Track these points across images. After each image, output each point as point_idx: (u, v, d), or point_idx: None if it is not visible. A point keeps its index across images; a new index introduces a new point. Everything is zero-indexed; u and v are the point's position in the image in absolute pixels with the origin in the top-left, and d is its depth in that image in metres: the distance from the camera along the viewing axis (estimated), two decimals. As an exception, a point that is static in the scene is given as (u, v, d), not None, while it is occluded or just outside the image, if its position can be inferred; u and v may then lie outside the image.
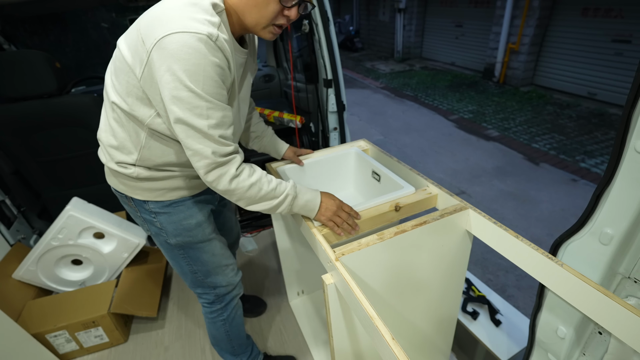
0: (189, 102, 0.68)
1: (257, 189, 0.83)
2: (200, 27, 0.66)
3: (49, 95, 1.57)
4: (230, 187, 0.79)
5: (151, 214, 0.95)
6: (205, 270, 1.07)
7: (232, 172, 0.78)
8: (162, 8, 0.70)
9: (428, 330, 1.17)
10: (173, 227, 0.96)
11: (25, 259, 1.62)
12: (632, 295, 0.72)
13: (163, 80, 0.67)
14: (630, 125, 0.62)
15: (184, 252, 1.02)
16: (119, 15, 2.99)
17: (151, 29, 0.68)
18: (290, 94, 2.40)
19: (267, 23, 0.76)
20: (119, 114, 0.80)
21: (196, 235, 1.00)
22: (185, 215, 0.97)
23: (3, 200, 1.81)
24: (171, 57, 0.65)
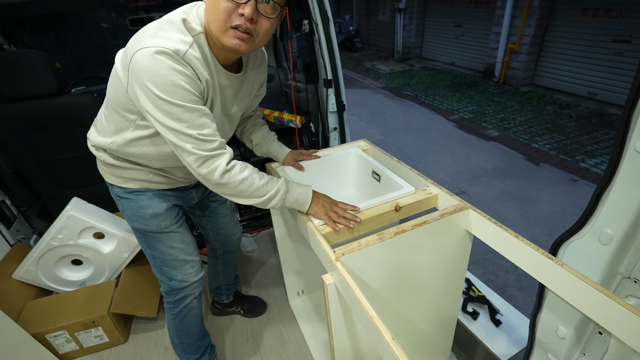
0: (164, 109, 0.75)
1: (248, 184, 0.86)
2: (167, 43, 0.73)
3: (49, 95, 1.57)
4: (222, 180, 0.83)
5: (116, 197, 1.05)
6: (162, 259, 1.12)
7: (224, 167, 0.82)
8: (146, 26, 0.78)
9: (428, 330, 1.17)
10: (130, 212, 1.04)
11: (25, 259, 1.62)
12: (632, 295, 0.72)
13: (139, 92, 0.74)
14: (630, 125, 0.62)
15: (143, 236, 1.09)
16: (119, 15, 2.99)
17: (132, 44, 0.75)
18: (290, 94, 2.40)
19: (223, 26, 0.74)
20: (111, 111, 0.90)
21: (150, 224, 1.05)
22: (142, 205, 1.03)
23: (3, 200, 1.81)
24: (140, 70, 0.72)
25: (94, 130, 0.98)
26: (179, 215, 1.14)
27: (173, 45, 0.73)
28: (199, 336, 1.31)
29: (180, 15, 0.78)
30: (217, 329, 1.65)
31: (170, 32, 0.75)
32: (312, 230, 0.93)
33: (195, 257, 1.18)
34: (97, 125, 0.98)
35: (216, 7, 0.73)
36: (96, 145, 0.96)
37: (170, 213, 1.08)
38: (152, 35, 0.74)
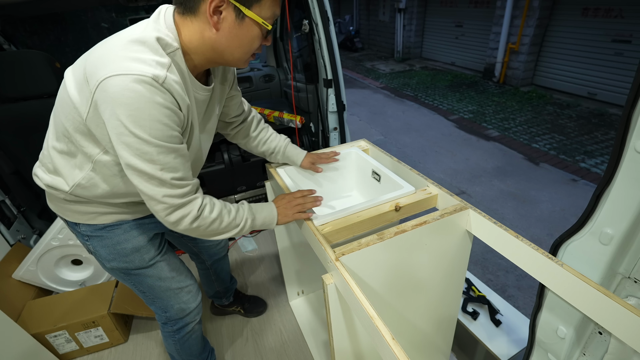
0: (137, 148, 0.64)
1: (218, 223, 0.82)
2: (144, 69, 0.62)
3: (49, 95, 1.57)
4: (193, 226, 0.78)
5: (83, 237, 0.90)
6: (153, 293, 1.02)
7: (194, 214, 0.76)
8: (108, 46, 0.66)
9: (428, 330, 1.17)
10: (106, 252, 0.91)
11: (25, 259, 1.62)
12: (632, 295, 0.72)
13: (109, 125, 0.64)
14: (630, 125, 0.62)
15: (124, 275, 0.97)
16: (119, 15, 2.99)
17: (95, 68, 0.64)
18: (290, 94, 2.40)
19: (248, 55, 0.77)
20: (64, 145, 0.77)
21: (132, 261, 0.94)
22: (120, 240, 0.90)
23: (3, 200, 1.81)
24: (113, 102, 0.61)
25: (43, 173, 0.84)
26: (163, 243, 1.03)
27: (151, 71, 0.62)
28: (201, 350, 1.28)
29: (153, 34, 0.66)
30: (217, 329, 1.65)
31: (143, 54, 0.64)
32: (312, 230, 0.93)
33: (190, 281, 1.09)
34: (46, 166, 0.83)
35: (250, 44, 0.74)
36: (52, 185, 0.82)
37: (152, 243, 0.97)
38: (122, 58, 0.63)
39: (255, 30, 0.72)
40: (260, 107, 2.13)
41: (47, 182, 0.83)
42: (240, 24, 0.70)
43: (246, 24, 0.70)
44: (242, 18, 0.69)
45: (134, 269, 0.95)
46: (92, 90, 0.63)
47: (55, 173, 0.81)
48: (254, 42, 0.74)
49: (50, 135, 0.80)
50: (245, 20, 0.70)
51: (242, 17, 0.69)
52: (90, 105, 0.66)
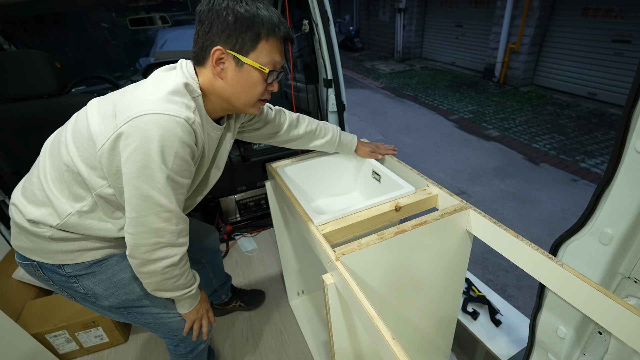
0: (158, 182, 0.69)
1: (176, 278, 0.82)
2: (178, 111, 0.69)
3: (49, 95, 1.57)
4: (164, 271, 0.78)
5: (69, 279, 0.83)
6: (160, 323, 0.98)
7: (176, 260, 0.78)
8: (141, 89, 0.73)
9: (428, 330, 1.17)
10: (102, 288, 0.86)
11: (25, 259, 1.62)
12: (632, 295, 0.72)
13: (131, 158, 0.66)
14: (630, 125, 0.62)
15: (125, 311, 0.92)
16: (119, 15, 2.99)
17: (127, 106, 0.69)
18: (290, 94, 2.40)
19: (255, 102, 0.83)
20: (63, 175, 0.76)
21: (134, 290, 0.89)
22: (115, 271, 0.87)
23: (3, 200, 1.81)
24: (144, 136, 0.65)
25: (27, 203, 0.79)
26: None
27: (184, 113, 0.69)
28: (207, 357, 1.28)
29: (182, 80, 0.74)
30: (217, 328, 1.65)
31: (175, 96, 0.71)
32: (312, 230, 0.93)
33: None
34: (33, 196, 0.78)
35: (253, 89, 0.79)
36: (38, 220, 0.76)
37: None
38: (157, 100, 0.68)
39: (255, 75, 0.77)
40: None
41: (31, 217, 0.77)
42: (240, 71, 0.77)
43: (245, 70, 0.77)
44: (242, 65, 0.76)
45: (135, 299, 0.91)
46: (119, 124, 0.67)
47: (44, 204, 0.77)
48: (256, 86, 0.79)
49: (44, 164, 0.79)
50: (244, 67, 0.76)
51: (241, 65, 0.76)
52: (110, 137, 0.68)
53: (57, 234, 0.78)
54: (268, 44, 0.76)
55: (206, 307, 1.02)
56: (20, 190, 0.82)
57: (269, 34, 0.75)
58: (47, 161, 0.79)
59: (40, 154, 0.82)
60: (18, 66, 1.49)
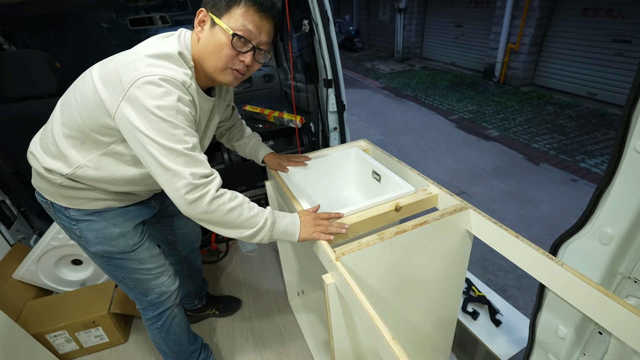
0: (166, 132, 0.73)
1: (237, 214, 0.82)
2: (175, 74, 0.76)
3: (49, 95, 1.57)
4: (210, 208, 0.78)
5: (71, 221, 0.94)
6: (133, 278, 1.05)
7: (213, 193, 0.78)
8: (140, 53, 0.77)
9: (428, 330, 1.17)
10: (93, 235, 0.95)
11: (26, 259, 1.62)
12: (632, 295, 0.72)
13: (140, 116, 0.72)
14: (630, 125, 0.62)
15: (107, 260, 1.01)
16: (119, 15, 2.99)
17: (128, 70, 0.74)
18: (290, 94, 2.40)
19: (223, 67, 0.83)
20: (73, 132, 0.83)
21: (118, 245, 0.98)
22: (107, 224, 0.96)
23: (3, 200, 1.81)
24: (148, 96, 0.72)
25: (43, 154, 0.88)
26: (145, 231, 1.08)
27: (181, 77, 0.77)
28: (190, 340, 1.29)
29: (176, 49, 0.80)
30: (217, 328, 1.65)
31: (171, 64, 0.78)
32: (312, 230, 0.93)
33: (167, 265, 1.13)
34: (48, 148, 0.88)
35: (219, 51, 0.80)
36: (51, 168, 0.87)
37: (137, 230, 1.03)
38: (152, 64, 0.75)
39: (222, 37, 0.79)
40: (260, 107, 2.13)
41: (46, 165, 0.87)
42: (212, 32, 0.80)
43: (216, 31, 0.79)
44: (214, 26, 0.80)
45: (118, 253, 0.99)
46: (126, 88, 0.73)
47: (57, 157, 0.86)
48: (222, 49, 0.80)
49: (57, 121, 0.86)
50: (215, 27, 0.79)
51: (214, 25, 0.80)
52: (121, 101, 0.74)
53: (66, 182, 0.88)
54: (241, 9, 0.78)
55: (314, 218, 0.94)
56: (38, 141, 0.91)
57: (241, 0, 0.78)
58: (60, 118, 0.86)
59: (55, 110, 0.89)
60: (18, 66, 1.49)
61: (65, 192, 0.90)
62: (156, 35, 0.86)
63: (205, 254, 2.12)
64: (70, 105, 0.84)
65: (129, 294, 1.12)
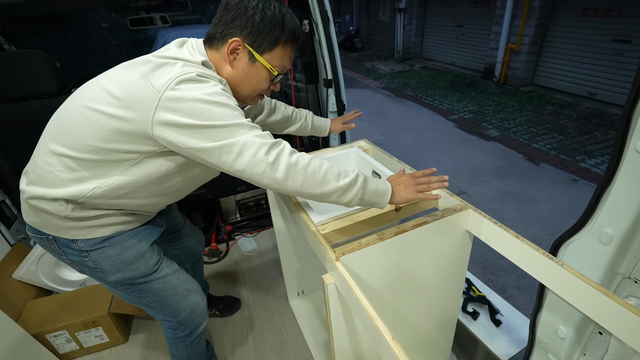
0: (225, 114, 0.70)
1: (318, 163, 0.76)
2: (213, 74, 0.77)
3: (49, 95, 1.57)
4: (292, 160, 0.73)
5: (81, 253, 0.86)
6: (161, 301, 1.00)
7: (289, 148, 0.75)
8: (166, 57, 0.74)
9: (428, 330, 1.17)
10: (109, 263, 0.88)
11: (26, 259, 1.62)
12: (632, 295, 0.72)
13: (191, 109, 0.68)
14: (630, 125, 0.62)
15: (129, 287, 0.95)
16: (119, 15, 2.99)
17: (161, 73, 0.71)
18: (290, 94, 2.39)
19: (256, 95, 0.89)
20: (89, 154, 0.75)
21: (139, 267, 0.92)
22: (122, 248, 0.89)
23: (3, 200, 1.81)
24: (196, 91, 0.69)
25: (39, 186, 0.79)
26: (160, 249, 1.02)
27: (218, 77, 0.77)
28: (207, 348, 1.29)
29: (199, 58, 0.78)
30: (217, 328, 1.65)
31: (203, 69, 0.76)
32: (312, 230, 0.93)
33: (192, 282, 1.09)
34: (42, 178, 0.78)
35: (258, 84, 0.85)
36: (57, 197, 0.77)
37: (153, 248, 0.97)
38: (187, 64, 0.73)
39: (264, 73, 0.83)
40: (260, 107, 2.13)
41: (50, 196, 0.78)
42: (252, 66, 0.82)
43: (257, 66, 0.82)
44: (254, 61, 0.81)
45: (139, 277, 0.93)
46: (161, 91, 0.68)
47: (65, 184, 0.78)
48: (261, 83, 0.85)
49: (58, 147, 0.76)
50: (256, 63, 0.82)
51: (254, 60, 0.81)
52: (156, 107, 0.69)
53: (74, 211, 0.80)
54: (283, 50, 0.82)
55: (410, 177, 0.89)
56: (32, 176, 0.81)
57: (287, 41, 0.81)
58: (61, 143, 0.76)
59: (45, 137, 0.80)
60: (18, 66, 1.49)
61: (71, 223, 0.82)
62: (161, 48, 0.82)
63: (205, 254, 2.12)
64: (77, 126, 0.74)
65: (157, 316, 1.06)
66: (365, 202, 0.83)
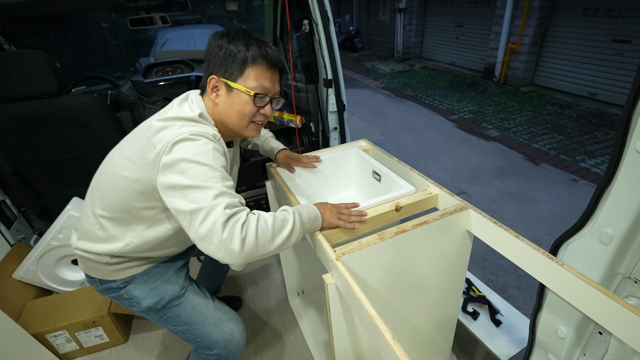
0: (205, 174, 0.74)
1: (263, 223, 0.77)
2: (207, 130, 0.82)
3: (49, 96, 1.57)
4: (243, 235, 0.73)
5: (119, 290, 0.98)
6: (193, 330, 1.03)
7: (243, 218, 0.74)
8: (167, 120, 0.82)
9: (428, 330, 1.17)
10: (140, 291, 0.98)
11: (26, 259, 1.62)
12: (632, 295, 0.72)
13: (179, 169, 0.74)
14: (630, 125, 0.62)
15: (162, 314, 1.02)
16: (119, 15, 2.99)
17: (161, 136, 0.79)
18: (290, 94, 2.40)
19: (247, 123, 0.90)
20: (117, 214, 0.87)
21: (165, 290, 1.00)
22: (149, 275, 1.00)
23: (3, 200, 1.81)
24: (186, 150, 0.75)
25: (85, 240, 0.94)
26: (187, 274, 1.10)
27: (211, 131, 0.83)
28: None
29: (197, 111, 0.85)
30: (217, 329, 1.65)
31: (199, 123, 0.83)
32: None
33: (226, 308, 1.10)
34: (87, 234, 0.93)
35: (242, 111, 0.87)
36: (99, 252, 0.92)
37: (179, 273, 1.05)
38: (184, 125, 0.81)
39: (243, 97, 0.86)
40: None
41: (95, 250, 0.92)
42: (231, 94, 0.87)
43: (234, 93, 0.86)
44: (231, 90, 0.86)
45: (168, 301, 1.00)
46: (161, 152, 0.77)
47: (104, 240, 0.91)
48: (244, 107, 0.87)
49: (97, 208, 0.90)
50: (233, 91, 0.86)
51: (231, 89, 0.86)
52: (159, 167, 0.77)
53: (112, 260, 0.93)
54: (254, 69, 0.85)
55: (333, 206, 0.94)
56: (81, 233, 0.96)
57: (254, 60, 0.84)
58: (99, 204, 0.90)
59: (89, 196, 0.94)
60: (18, 66, 1.49)
61: (111, 267, 0.95)
62: (165, 107, 0.91)
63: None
64: (107, 190, 0.87)
65: (196, 347, 1.08)
66: (306, 231, 0.87)
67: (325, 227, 0.91)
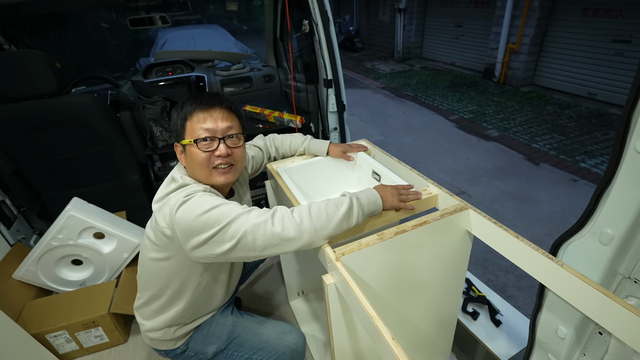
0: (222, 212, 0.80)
1: (315, 207, 0.83)
2: (196, 189, 0.87)
3: (49, 95, 1.57)
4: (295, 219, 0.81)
5: (183, 353, 1.06)
6: (260, 351, 1.06)
7: (286, 211, 0.84)
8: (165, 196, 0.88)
9: (428, 331, 1.17)
10: (199, 342, 1.06)
11: (25, 259, 1.62)
12: (632, 296, 0.72)
13: (198, 228, 0.79)
14: (630, 125, 0.62)
15: (227, 352, 1.07)
16: (119, 16, 2.99)
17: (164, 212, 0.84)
18: (290, 94, 2.40)
19: (208, 171, 0.91)
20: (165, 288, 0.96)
21: (221, 332, 1.07)
22: (201, 329, 1.07)
23: (3, 200, 1.81)
24: (190, 211, 0.80)
25: (147, 321, 1.02)
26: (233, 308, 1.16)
27: (200, 187, 0.88)
28: None
29: (180, 181, 0.90)
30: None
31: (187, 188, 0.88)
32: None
33: (285, 325, 1.12)
34: (144, 315, 1.03)
35: (197, 161, 0.89)
36: (162, 327, 1.00)
37: (226, 310, 1.12)
38: (176, 194, 0.86)
39: (192, 149, 0.90)
40: (260, 107, 2.13)
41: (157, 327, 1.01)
42: (186, 153, 0.92)
43: (187, 149, 0.91)
44: (184, 147, 0.92)
45: (226, 339, 1.06)
46: (171, 226, 0.82)
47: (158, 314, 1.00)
48: (197, 157, 0.89)
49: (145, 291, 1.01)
50: (186, 147, 0.92)
51: (185, 148, 0.92)
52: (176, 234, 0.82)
53: (175, 330, 1.02)
54: (192, 121, 0.89)
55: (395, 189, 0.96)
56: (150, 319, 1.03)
57: (189, 113, 0.90)
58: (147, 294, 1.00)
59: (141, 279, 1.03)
60: (18, 66, 1.49)
61: (174, 336, 1.02)
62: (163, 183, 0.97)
63: None
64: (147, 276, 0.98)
65: None
66: (367, 214, 0.89)
67: (387, 208, 0.93)
